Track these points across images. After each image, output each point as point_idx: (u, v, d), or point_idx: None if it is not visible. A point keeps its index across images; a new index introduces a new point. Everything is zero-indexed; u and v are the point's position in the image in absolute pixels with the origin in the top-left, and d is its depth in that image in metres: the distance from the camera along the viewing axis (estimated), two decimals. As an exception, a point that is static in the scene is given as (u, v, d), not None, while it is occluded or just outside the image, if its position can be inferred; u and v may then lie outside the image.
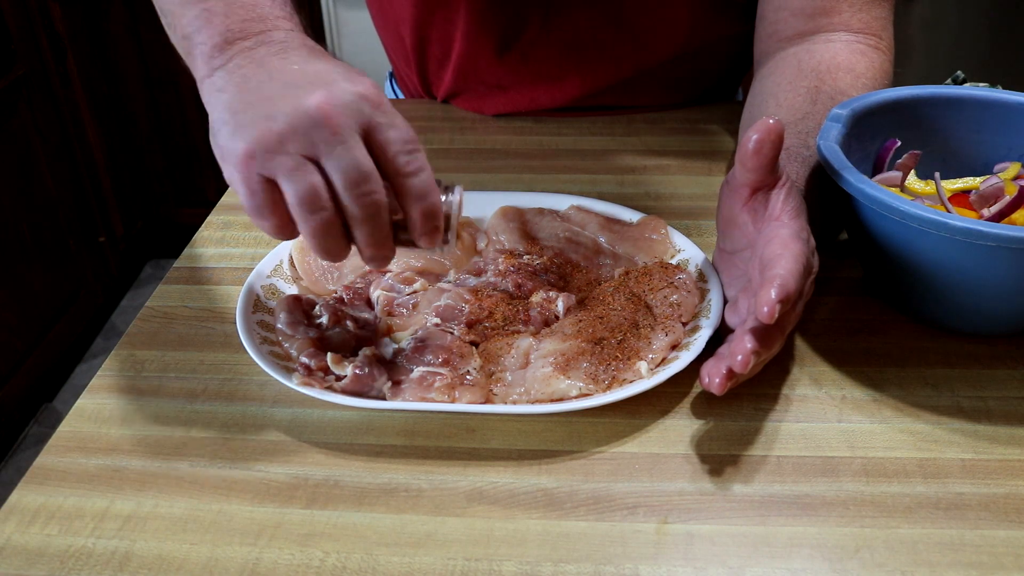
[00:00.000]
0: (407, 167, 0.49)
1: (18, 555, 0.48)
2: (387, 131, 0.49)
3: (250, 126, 0.48)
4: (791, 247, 0.53)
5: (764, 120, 0.55)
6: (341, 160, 0.47)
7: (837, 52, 0.75)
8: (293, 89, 0.48)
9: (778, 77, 0.76)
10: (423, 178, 0.50)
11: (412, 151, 0.50)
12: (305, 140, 0.47)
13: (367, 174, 0.48)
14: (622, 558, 0.47)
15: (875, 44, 0.77)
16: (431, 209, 0.50)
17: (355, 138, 0.48)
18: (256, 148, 0.47)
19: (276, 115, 0.47)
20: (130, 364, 0.61)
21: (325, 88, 0.48)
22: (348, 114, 0.48)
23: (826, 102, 0.70)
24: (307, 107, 0.47)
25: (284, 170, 0.47)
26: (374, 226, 0.49)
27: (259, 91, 0.49)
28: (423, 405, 0.54)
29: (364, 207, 0.48)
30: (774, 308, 0.49)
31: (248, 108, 0.49)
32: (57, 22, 1.92)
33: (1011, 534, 0.48)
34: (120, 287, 2.26)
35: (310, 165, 0.48)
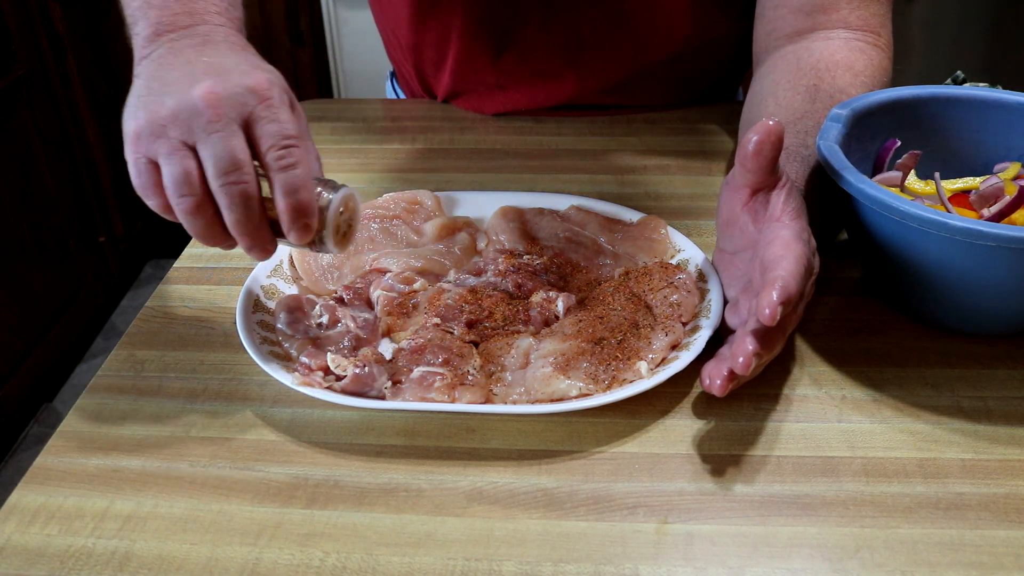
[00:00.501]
0: (278, 162, 0.51)
1: (18, 555, 0.48)
2: (266, 125, 0.51)
3: (143, 109, 0.51)
4: (792, 248, 0.53)
5: (764, 122, 0.55)
6: (214, 147, 0.49)
7: (836, 50, 0.75)
8: (190, 78, 0.51)
9: (777, 76, 0.76)
10: (294, 173, 0.51)
11: (287, 146, 0.51)
12: (184, 126, 0.50)
13: (236, 162, 0.50)
14: (622, 558, 0.47)
15: (874, 41, 0.77)
16: (298, 205, 0.51)
17: (232, 128, 0.50)
18: (142, 130, 0.51)
19: (165, 101, 0.50)
20: (130, 364, 0.61)
21: (217, 79, 0.50)
22: (230, 105, 0.50)
23: (825, 100, 0.70)
24: (192, 96, 0.50)
25: (163, 152, 0.50)
26: (242, 214, 0.51)
27: (163, 79, 0.52)
28: (423, 405, 0.54)
29: (230, 195, 0.50)
30: (776, 310, 0.49)
31: (148, 94, 0.52)
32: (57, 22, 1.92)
33: (1011, 534, 0.48)
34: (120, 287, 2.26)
35: (186, 150, 0.50)
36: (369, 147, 0.91)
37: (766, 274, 0.52)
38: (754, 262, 0.57)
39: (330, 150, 0.90)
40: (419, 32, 0.92)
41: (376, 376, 0.56)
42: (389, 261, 0.67)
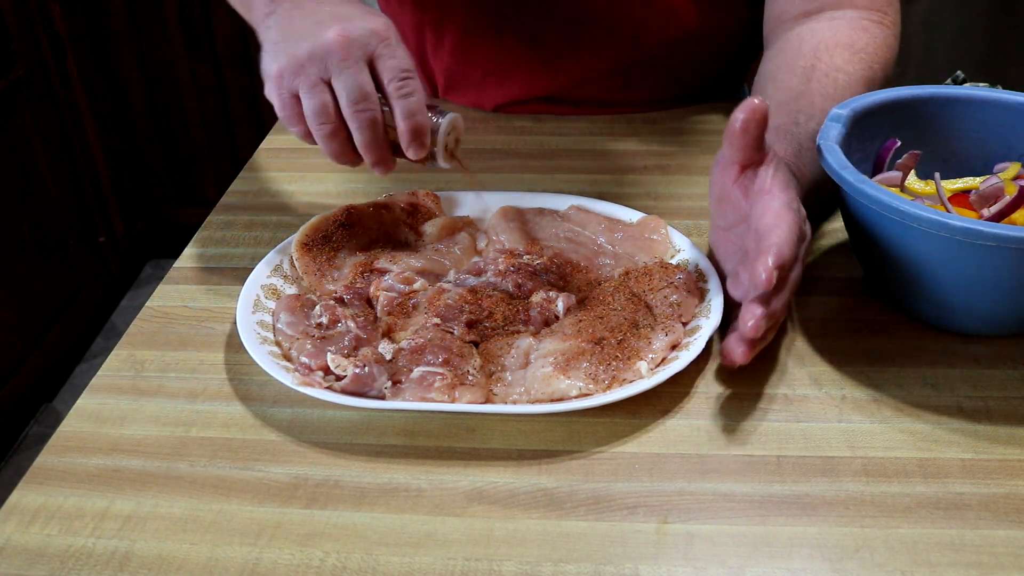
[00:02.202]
0: (399, 91, 0.60)
1: (18, 555, 0.48)
2: (387, 60, 0.60)
3: (282, 53, 0.61)
4: (784, 217, 0.56)
5: (749, 100, 0.58)
6: (346, 81, 0.59)
7: (839, 29, 0.77)
8: (319, 25, 0.60)
9: (779, 59, 0.78)
10: (412, 100, 0.60)
11: (406, 78, 0.60)
12: (321, 64, 0.59)
13: (365, 93, 0.60)
14: (622, 558, 0.47)
15: (879, 20, 0.79)
16: (415, 126, 0.61)
17: (360, 65, 0.60)
18: (285, 69, 0.60)
19: (301, 44, 0.60)
20: (130, 364, 0.61)
21: (343, 23, 0.60)
22: (357, 45, 0.60)
23: (820, 79, 0.73)
24: (325, 38, 0.59)
25: (304, 87, 0.60)
26: (369, 136, 0.61)
27: (294, 27, 0.62)
28: (423, 405, 0.54)
29: (360, 120, 0.60)
30: (771, 274, 0.53)
31: (284, 40, 0.61)
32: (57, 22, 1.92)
33: (1011, 534, 0.48)
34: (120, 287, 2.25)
35: (323, 85, 0.60)
36: (369, 147, 0.91)
37: (760, 243, 0.55)
38: (748, 234, 0.59)
39: (330, 150, 0.90)
40: (418, 15, 0.93)
41: (376, 376, 0.56)
42: (389, 261, 0.67)
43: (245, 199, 0.83)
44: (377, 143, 0.61)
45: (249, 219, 0.79)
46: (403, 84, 0.60)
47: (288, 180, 0.85)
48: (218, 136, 2.19)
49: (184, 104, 2.15)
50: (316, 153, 0.90)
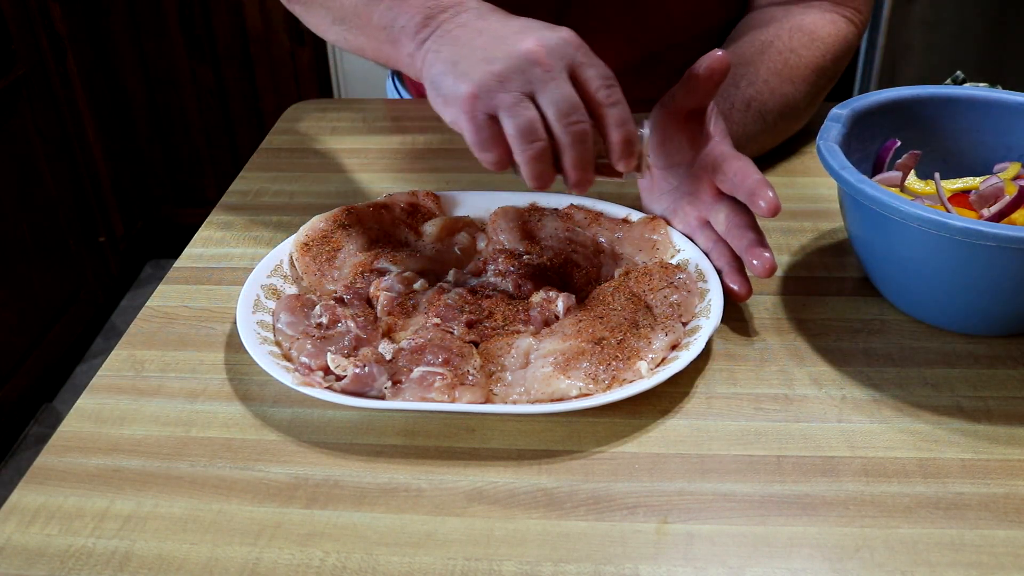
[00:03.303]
0: (608, 99, 0.56)
1: (18, 555, 0.48)
2: (588, 69, 0.56)
3: (472, 71, 0.55)
4: (744, 158, 0.64)
5: (714, 51, 0.62)
6: (554, 94, 0.54)
7: (807, 16, 0.81)
8: (504, 39, 0.56)
9: (744, 29, 0.84)
10: (621, 108, 0.56)
11: (611, 86, 0.56)
12: (522, 79, 0.54)
13: (576, 105, 0.55)
14: (622, 558, 0.47)
15: (851, 16, 0.83)
16: (628, 135, 0.57)
17: (563, 75, 0.55)
18: (480, 89, 0.54)
19: (495, 59, 0.55)
20: (130, 364, 0.62)
21: (534, 34, 0.55)
22: (557, 55, 0.55)
23: (773, 55, 0.78)
24: (522, 50, 0.54)
25: (505, 106, 0.54)
26: (581, 151, 0.56)
27: (473, 44, 0.57)
28: (423, 405, 0.54)
29: (573, 135, 0.55)
30: (778, 201, 0.60)
31: (466, 58, 0.56)
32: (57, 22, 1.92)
33: (1011, 534, 0.48)
34: (120, 287, 2.26)
35: (527, 101, 0.55)
36: (369, 147, 0.91)
37: (743, 180, 0.62)
38: (696, 175, 0.67)
39: (330, 150, 0.90)
40: None
41: (376, 376, 0.56)
42: (389, 261, 0.67)
43: (245, 199, 0.83)
44: (588, 159, 0.56)
45: (249, 219, 0.79)
46: (611, 92, 0.56)
47: (288, 180, 0.85)
48: (218, 136, 2.19)
49: (184, 104, 2.15)
50: (316, 153, 0.90)
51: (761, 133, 0.78)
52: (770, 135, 0.80)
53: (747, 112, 0.75)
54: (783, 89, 0.77)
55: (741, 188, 0.62)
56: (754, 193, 0.61)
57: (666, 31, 0.90)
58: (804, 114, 0.83)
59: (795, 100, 0.79)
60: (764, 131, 0.78)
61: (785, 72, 0.78)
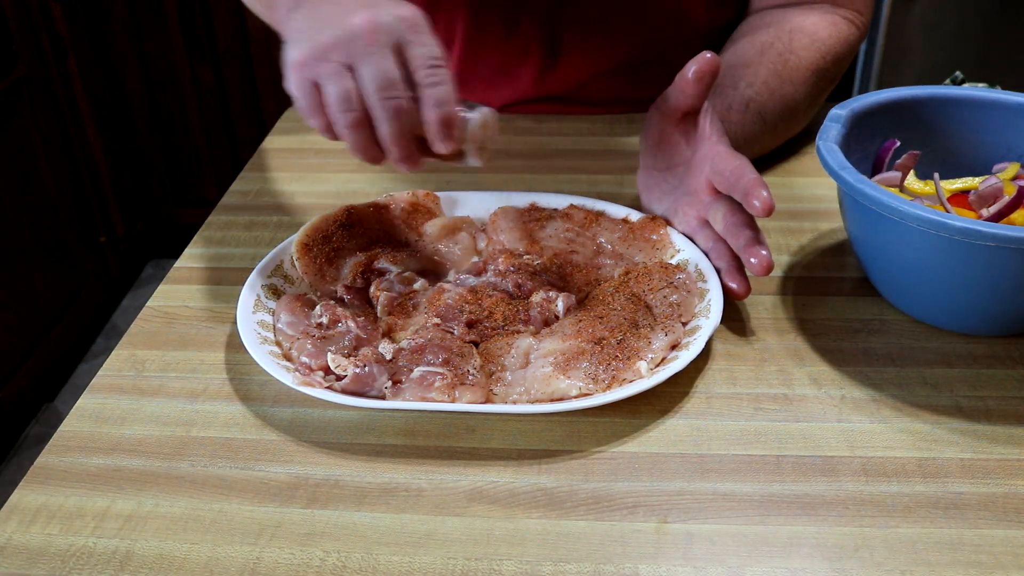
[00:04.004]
0: (427, 79, 0.56)
1: (19, 554, 0.48)
2: (415, 48, 0.57)
3: (305, 40, 0.57)
4: (740, 157, 0.64)
5: (703, 54, 0.64)
6: (371, 68, 0.56)
7: (808, 18, 0.82)
8: (345, 12, 0.57)
9: (746, 29, 0.84)
10: (441, 89, 0.56)
11: (435, 67, 0.57)
12: (345, 50, 0.56)
13: (392, 81, 0.56)
14: (622, 558, 0.47)
15: (852, 18, 0.83)
16: (445, 116, 0.57)
17: (386, 51, 0.56)
18: (305, 57, 0.57)
19: (326, 30, 0.57)
20: (131, 364, 0.62)
21: (369, 10, 0.57)
22: (384, 31, 0.56)
23: (773, 57, 0.79)
24: (349, 23, 0.56)
25: (325, 75, 0.56)
26: (395, 127, 0.56)
27: (319, 17, 0.59)
28: (423, 405, 0.54)
29: (386, 108, 0.56)
30: (772, 200, 0.60)
31: (308, 28, 0.58)
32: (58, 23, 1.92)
33: (1010, 533, 0.48)
34: (121, 287, 2.26)
35: (346, 71, 0.56)
36: (369, 147, 0.91)
37: (738, 179, 0.62)
38: (694, 175, 0.67)
39: (330, 150, 0.90)
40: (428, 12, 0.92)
41: (376, 376, 0.56)
42: (389, 261, 0.67)
43: (245, 199, 0.83)
44: (403, 136, 0.57)
45: (249, 219, 0.79)
46: (432, 72, 0.56)
47: (288, 180, 0.85)
48: (218, 136, 2.19)
49: (184, 104, 2.15)
50: (316, 153, 0.90)
51: (761, 134, 0.78)
52: (770, 136, 0.80)
53: (746, 113, 0.76)
54: (783, 90, 0.78)
55: (736, 187, 0.62)
56: (748, 193, 0.61)
57: (663, 31, 0.90)
58: (804, 115, 0.83)
59: (795, 101, 0.79)
60: (764, 132, 0.78)
61: (785, 73, 0.78)
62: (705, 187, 0.67)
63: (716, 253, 0.66)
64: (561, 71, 0.93)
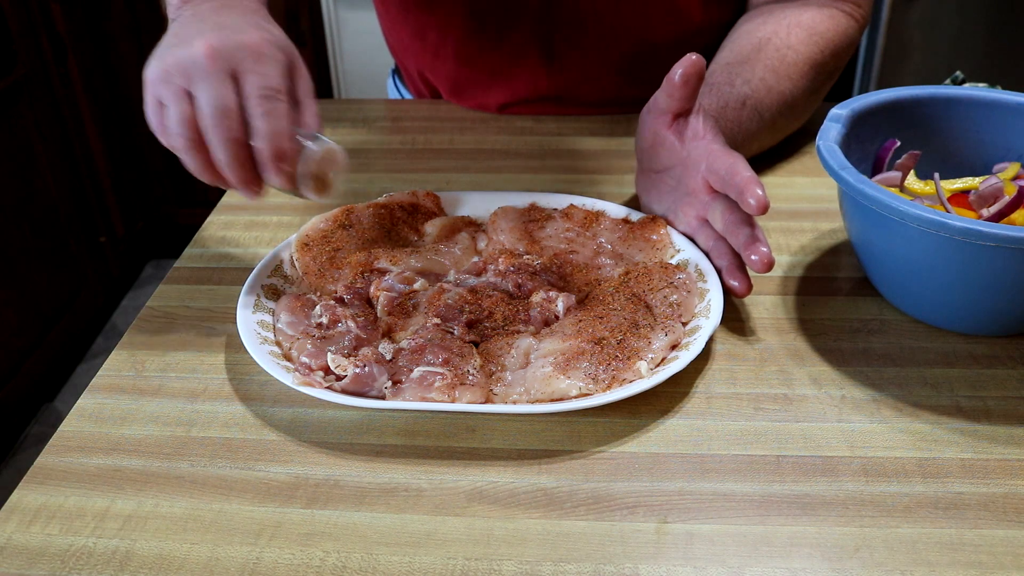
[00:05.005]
0: (256, 109, 0.56)
1: (19, 554, 0.48)
2: (250, 76, 0.56)
3: (157, 59, 0.58)
4: (736, 155, 0.64)
5: (688, 56, 0.64)
6: (206, 94, 0.55)
7: (805, 12, 0.82)
8: (196, 34, 0.57)
9: (744, 26, 0.84)
10: (270, 121, 0.56)
11: (268, 97, 0.56)
12: (185, 75, 0.56)
13: (223, 109, 0.55)
14: (622, 558, 0.47)
15: (850, 11, 0.83)
16: (272, 151, 0.56)
17: (221, 77, 0.56)
18: (154, 76, 0.57)
19: (175, 52, 0.57)
20: (131, 364, 0.62)
21: (216, 33, 0.57)
22: (223, 57, 0.56)
23: (770, 52, 0.78)
24: (192, 48, 0.56)
25: (167, 96, 0.56)
26: (229, 155, 0.56)
27: (180, 35, 0.59)
28: (423, 405, 0.54)
29: (218, 138, 0.56)
30: (766, 198, 0.60)
31: (166, 47, 0.58)
32: (58, 22, 1.92)
33: (1010, 534, 0.48)
34: (121, 287, 2.26)
35: (185, 96, 0.56)
36: (369, 147, 0.91)
37: (733, 178, 0.62)
38: (690, 175, 0.67)
39: (330, 150, 0.90)
40: (422, 18, 0.93)
41: (376, 376, 0.56)
42: (389, 261, 0.67)
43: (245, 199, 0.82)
44: (238, 163, 0.57)
45: (249, 219, 0.79)
46: (263, 102, 0.56)
47: (288, 180, 0.85)
48: (218, 136, 2.18)
49: (184, 104, 2.15)
50: (316, 153, 0.90)
51: (760, 131, 0.78)
52: (769, 132, 0.80)
53: (742, 110, 0.75)
54: (781, 86, 0.77)
55: (731, 186, 0.62)
56: (743, 191, 0.61)
57: (659, 30, 0.90)
58: (804, 111, 0.83)
59: (793, 97, 0.79)
60: (762, 128, 0.78)
61: (782, 69, 0.78)
62: (703, 187, 0.67)
63: (717, 252, 0.66)
64: (558, 73, 0.93)
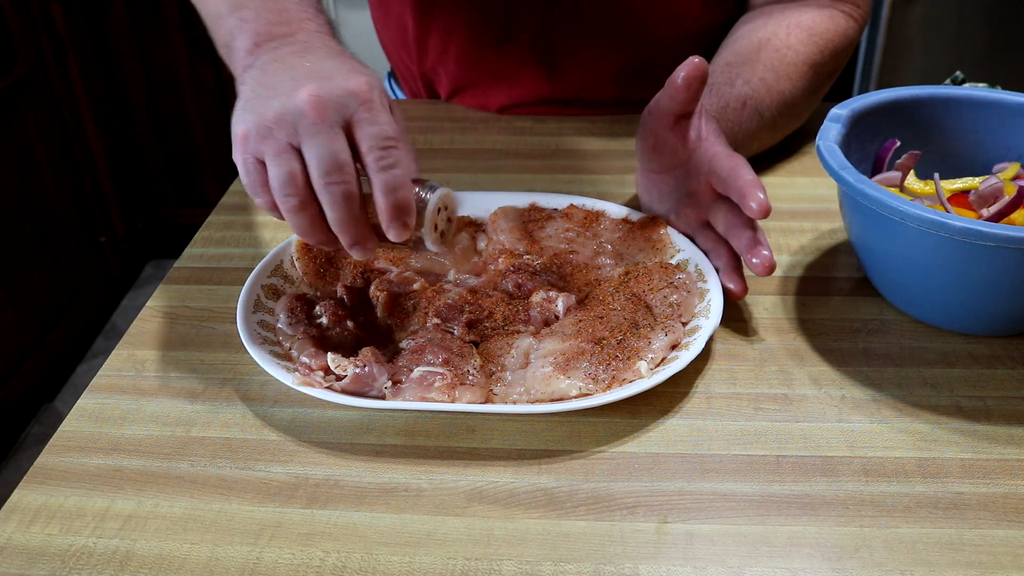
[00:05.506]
0: (379, 162, 0.52)
1: (19, 554, 0.48)
2: (366, 127, 0.52)
3: (251, 113, 0.53)
4: (738, 158, 0.64)
5: (691, 59, 0.63)
6: (318, 149, 0.51)
7: (805, 12, 0.82)
8: (293, 83, 0.53)
9: (744, 27, 0.83)
10: (394, 173, 0.52)
11: (387, 147, 0.52)
12: (290, 128, 0.52)
13: (339, 163, 0.51)
14: (622, 558, 0.47)
15: (850, 12, 0.83)
16: (397, 203, 0.52)
17: (335, 130, 0.52)
18: (250, 132, 0.53)
19: (271, 104, 0.52)
20: (131, 364, 0.62)
21: (319, 82, 0.52)
22: (333, 108, 0.52)
23: (770, 53, 0.79)
24: (297, 99, 0.51)
25: (269, 153, 0.52)
26: (344, 213, 0.52)
27: (268, 84, 0.54)
28: (423, 405, 0.54)
29: (333, 194, 0.52)
30: (768, 202, 0.60)
31: (256, 98, 0.54)
32: (58, 22, 1.92)
33: (1010, 533, 0.48)
34: (121, 287, 2.26)
35: (291, 151, 0.52)
36: (369, 147, 0.91)
37: (734, 181, 0.62)
38: (692, 176, 0.67)
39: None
40: (424, 22, 0.93)
41: (376, 376, 0.56)
42: (389, 261, 0.67)
43: (245, 199, 0.83)
44: (353, 221, 0.53)
45: (249, 219, 0.79)
46: (385, 154, 0.52)
47: (288, 180, 0.85)
48: (218, 136, 2.19)
49: (184, 104, 2.15)
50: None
51: (759, 131, 0.78)
52: (769, 132, 0.80)
53: (743, 110, 0.75)
54: (780, 86, 0.78)
55: (733, 189, 0.62)
56: (744, 195, 0.61)
57: (659, 33, 0.90)
58: (804, 111, 0.83)
59: (793, 97, 0.79)
60: (762, 128, 0.78)
61: (782, 69, 0.78)
62: (705, 189, 0.67)
63: (716, 253, 0.66)
64: (559, 78, 0.93)
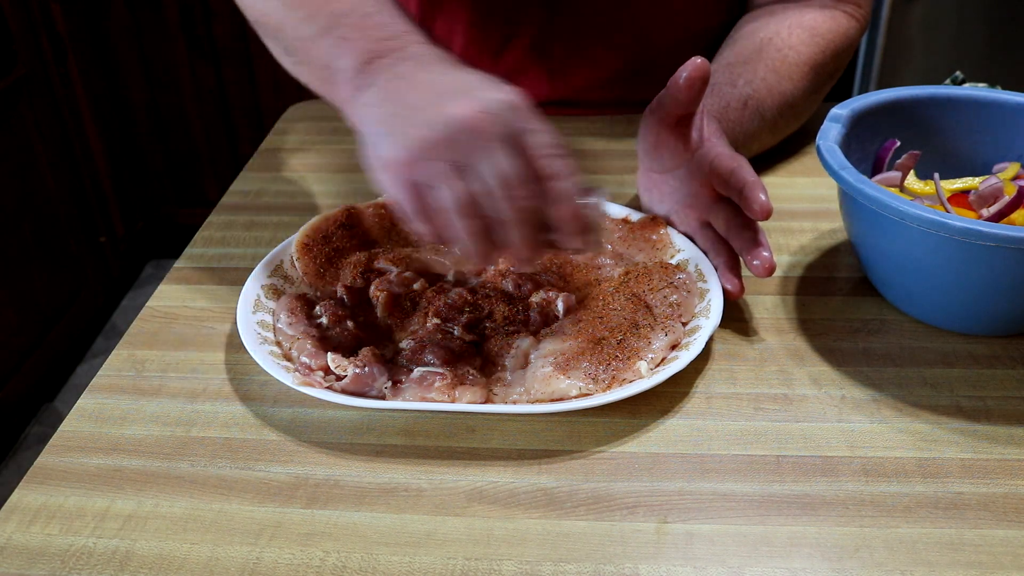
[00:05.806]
0: (552, 171, 0.50)
1: (19, 554, 0.48)
2: (533, 136, 0.50)
3: (404, 135, 0.50)
4: (740, 158, 0.64)
5: (694, 59, 0.62)
6: (493, 167, 0.49)
7: (807, 12, 0.82)
8: (441, 98, 0.50)
9: (746, 27, 0.83)
10: (571, 182, 0.51)
11: (558, 156, 0.50)
12: (458, 148, 0.49)
13: (519, 179, 0.49)
14: (622, 558, 0.47)
15: (851, 12, 0.83)
16: (576, 211, 0.51)
17: (505, 144, 0.49)
18: (412, 155, 0.49)
19: (429, 123, 0.49)
20: (131, 364, 0.62)
21: (472, 96, 0.50)
22: (497, 121, 0.49)
23: (772, 53, 0.78)
24: (458, 115, 0.49)
25: (440, 177, 0.49)
26: (526, 230, 0.50)
27: (408, 102, 0.51)
28: (423, 405, 0.54)
29: (517, 211, 0.50)
30: (769, 204, 0.61)
31: (400, 118, 0.51)
32: (58, 22, 1.92)
33: (1010, 533, 0.48)
34: (121, 287, 2.26)
35: (459, 172, 0.49)
36: (369, 147, 0.91)
37: (736, 182, 0.62)
38: (694, 177, 0.67)
39: (330, 150, 0.90)
40: (425, 24, 0.93)
41: (376, 376, 0.56)
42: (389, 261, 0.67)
43: (245, 199, 0.83)
44: (534, 235, 0.51)
45: (249, 219, 0.79)
46: (559, 163, 0.50)
47: (288, 180, 0.85)
48: (218, 136, 2.19)
49: (184, 104, 2.15)
50: (316, 153, 0.90)
51: (760, 131, 0.78)
52: (770, 133, 0.80)
53: (744, 111, 0.75)
54: (781, 87, 0.78)
55: (734, 190, 0.62)
56: (747, 196, 0.61)
57: (660, 35, 0.90)
58: (805, 111, 0.83)
59: (794, 98, 0.79)
60: (763, 129, 0.78)
61: (783, 70, 0.78)
62: (706, 189, 0.67)
63: (715, 253, 0.66)
64: (559, 78, 0.93)
